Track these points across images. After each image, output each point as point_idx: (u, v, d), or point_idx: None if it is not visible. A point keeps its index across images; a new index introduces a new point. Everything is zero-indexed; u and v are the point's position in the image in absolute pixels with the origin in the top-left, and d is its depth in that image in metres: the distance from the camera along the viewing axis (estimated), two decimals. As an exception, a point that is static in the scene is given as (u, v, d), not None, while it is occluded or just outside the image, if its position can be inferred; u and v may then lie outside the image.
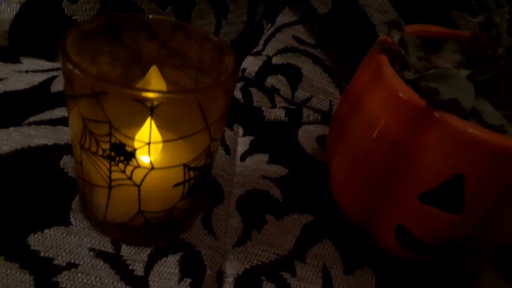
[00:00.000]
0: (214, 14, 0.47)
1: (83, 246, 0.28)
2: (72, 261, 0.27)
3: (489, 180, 0.25)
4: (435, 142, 0.25)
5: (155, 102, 0.23)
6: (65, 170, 0.33)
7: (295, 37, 0.48)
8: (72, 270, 0.27)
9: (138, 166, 0.25)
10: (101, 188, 0.27)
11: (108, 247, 0.28)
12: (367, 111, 0.29)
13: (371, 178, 0.29)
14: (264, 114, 0.45)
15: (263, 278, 0.29)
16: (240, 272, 0.29)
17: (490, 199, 0.26)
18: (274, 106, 0.46)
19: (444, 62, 0.31)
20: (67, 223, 0.29)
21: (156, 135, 0.26)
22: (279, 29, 0.48)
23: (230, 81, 0.26)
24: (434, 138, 0.25)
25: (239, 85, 0.47)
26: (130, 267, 0.28)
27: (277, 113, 0.45)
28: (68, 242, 0.28)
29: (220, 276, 0.29)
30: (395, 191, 0.28)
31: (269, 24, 0.50)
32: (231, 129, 0.43)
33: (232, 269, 0.29)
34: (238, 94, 0.46)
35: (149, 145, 0.24)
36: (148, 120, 0.25)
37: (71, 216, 0.30)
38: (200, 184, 0.29)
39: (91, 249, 0.28)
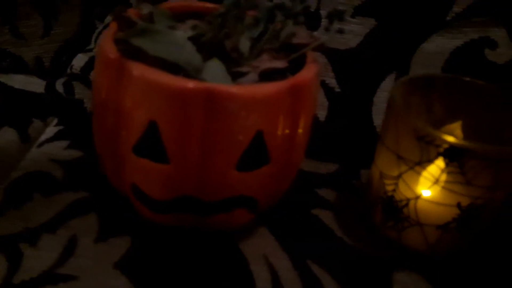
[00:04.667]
0: (40, 15, 0.49)
1: None
2: None
3: (180, 125, 0.25)
4: (131, 92, 0.26)
5: None
6: None
7: (118, 32, 0.49)
8: None
9: None
10: None
11: None
12: (95, 79, 0.30)
13: (109, 143, 0.29)
14: (86, 106, 0.46)
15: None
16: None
17: (192, 146, 0.26)
18: (97, 98, 0.47)
19: (185, 28, 0.33)
20: None
21: None
22: (106, 26, 0.50)
23: None
24: (130, 89, 0.26)
25: (61, 80, 0.47)
26: None
27: (99, 105, 0.46)
28: None
29: None
30: (121, 150, 0.28)
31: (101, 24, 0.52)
32: (44, 121, 0.43)
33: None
34: (60, 88, 0.47)
35: None
36: None
37: None
38: None
39: None
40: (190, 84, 0.25)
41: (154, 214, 0.30)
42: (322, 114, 0.43)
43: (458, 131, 0.32)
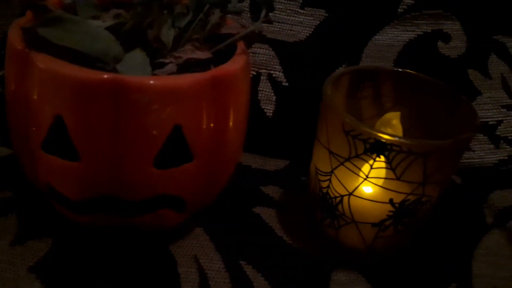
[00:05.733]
0: (-21, 6, 0.47)
1: None
2: None
3: (88, 120, 0.23)
4: (37, 85, 0.24)
5: None
6: None
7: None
8: None
9: None
10: None
11: None
12: (5, 71, 0.27)
13: (21, 139, 0.27)
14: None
15: None
16: None
17: (103, 142, 0.24)
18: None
19: (108, 18, 0.31)
20: None
21: None
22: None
23: None
24: (35, 81, 0.24)
25: (-1, 74, 0.46)
26: None
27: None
28: None
29: None
30: (32, 147, 0.26)
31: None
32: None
33: None
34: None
35: None
36: None
37: None
38: None
39: None
40: (95, 75, 0.23)
41: (74, 215, 0.29)
42: (269, 109, 0.42)
43: (396, 121, 0.30)
